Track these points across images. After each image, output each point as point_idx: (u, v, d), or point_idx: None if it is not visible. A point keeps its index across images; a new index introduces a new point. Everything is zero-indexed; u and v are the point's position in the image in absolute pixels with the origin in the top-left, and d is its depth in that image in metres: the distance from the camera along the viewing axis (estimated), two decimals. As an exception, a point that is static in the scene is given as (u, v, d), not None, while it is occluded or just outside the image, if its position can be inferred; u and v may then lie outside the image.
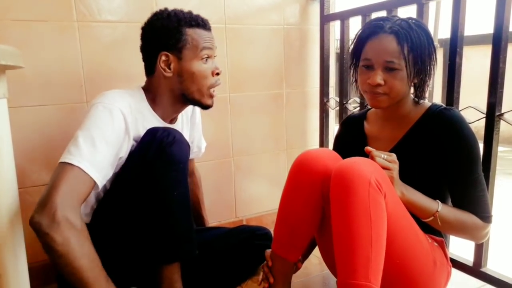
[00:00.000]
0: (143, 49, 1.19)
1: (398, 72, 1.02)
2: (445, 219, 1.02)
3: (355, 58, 1.11)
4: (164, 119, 1.19)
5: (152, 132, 1.07)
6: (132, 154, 1.09)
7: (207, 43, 1.15)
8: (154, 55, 1.14)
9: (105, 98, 1.05)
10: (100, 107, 1.02)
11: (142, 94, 1.17)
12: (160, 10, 1.16)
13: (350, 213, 0.89)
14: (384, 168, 0.97)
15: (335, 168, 0.95)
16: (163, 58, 1.12)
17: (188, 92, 1.16)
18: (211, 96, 1.19)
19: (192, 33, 1.13)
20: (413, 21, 1.04)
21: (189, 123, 1.38)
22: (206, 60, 1.15)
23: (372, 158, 0.98)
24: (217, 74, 1.18)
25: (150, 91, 1.18)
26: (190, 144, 1.26)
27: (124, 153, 1.08)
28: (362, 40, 1.07)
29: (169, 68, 1.13)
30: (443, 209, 1.02)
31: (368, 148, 1.00)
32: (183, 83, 1.15)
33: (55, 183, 0.92)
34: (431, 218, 1.03)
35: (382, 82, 1.03)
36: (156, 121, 1.16)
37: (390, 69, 1.02)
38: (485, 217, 1.04)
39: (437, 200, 1.04)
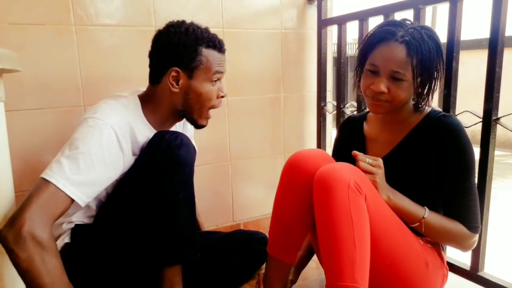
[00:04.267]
0: (153, 57, 1.15)
1: (403, 82, 1.02)
2: (431, 226, 1.03)
3: (362, 59, 1.10)
4: (158, 130, 1.17)
5: (160, 135, 1.09)
6: (140, 156, 1.09)
7: (220, 66, 1.14)
8: (164, 67, 1.12)
9: (97, 112, 1.03)
10: (91, 122, 1.00)
11: (137, 104, 1.15)
12: (178, 22, 1.13)
13: (331, 216, 0.90)
14: (367, 172, 0.99)
15: (316, 174, 0.97)
16: (173, 73, 1.11)
17: (189, 109, 1.17)
18: (207, 118, 1.21)
19: (207, 54, 1.11)
20: (426, 31, 1.02)
21: (181, 130, 1.37)
22: (215, 82, 1.16)
23: (358, 162, 1.00)
24: (222, 97, 1.19)
25: (150, 100, 1.16)
26: None
27: (121, 168, 1.07)
28: (372, 43, 1.06)
29: (177, 84, 1.12)
30: (430, 216, 1.03)
31: (355, 152, 1.03)
32: (188, 100, 1.15)
33: (29, 199, 0.91)
34: (417, 224, 1.04)
35: (385, 90, 1.03)
36: (150, 133, 1.14)
37: (396, 79, 1.02)
38: (473, 227, 1.04)
39: (425, 207, 1.05)
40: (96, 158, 0.98)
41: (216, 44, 1.13)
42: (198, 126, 1.21)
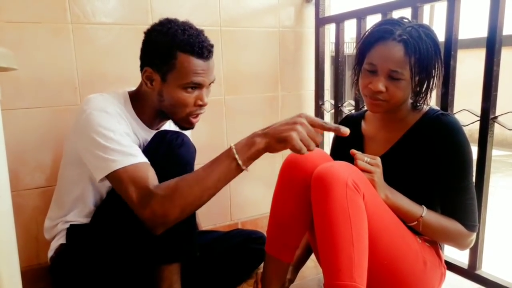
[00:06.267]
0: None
1: (401, 81, 1.02)
2: (429, 224, 1.04)
3: (360, 58, 1.10)
4: (149, 127, 1.17)
5: (161, 134, 1.09)
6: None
7: (197, 76, 1.06)
8: (142, 65, 1.10)
9: (93, 104, 1.03)
10: (95, 113, 1.01)
11: (126, 98, 1.14)
12: (166, 20, 1.08)
13: (329, 214, 0.90)
14: (365, 171, 0.99)
15: (314, 173, 0.97)
16: (147, 73, 1.08)
17: (167, 112, 1.13)
18: (191, 122, 1.14)
19: (184, 59, 1.04)
20: (424, 29, 1.02)
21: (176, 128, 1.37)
22: (192, 89, 1.08)
23: (356, 161, 1.01)
24: (200, 105, 1.11)
25: (137, 98, 1.15)
26: None
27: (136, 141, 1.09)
28: (370, 42, 1.05)
29: (151, 84, 1.09)
30: (428, 215, 1.04)
31: (353, 150, 1.03)
32: (163, 103, 1.11)
33: (128, 193, 0.95)
34: (415, 223, 1.04)
35: (383, 89, 1.03)
36: (140, 128, 1.14)
37: (394, 78, 1.02)
38: (470, 225, 1.05)
39: (423, 206, 1.05)
40: (121, 131, 1.02)
41: (195, 49, 1.04)
42: (182, 128, 1.17)
